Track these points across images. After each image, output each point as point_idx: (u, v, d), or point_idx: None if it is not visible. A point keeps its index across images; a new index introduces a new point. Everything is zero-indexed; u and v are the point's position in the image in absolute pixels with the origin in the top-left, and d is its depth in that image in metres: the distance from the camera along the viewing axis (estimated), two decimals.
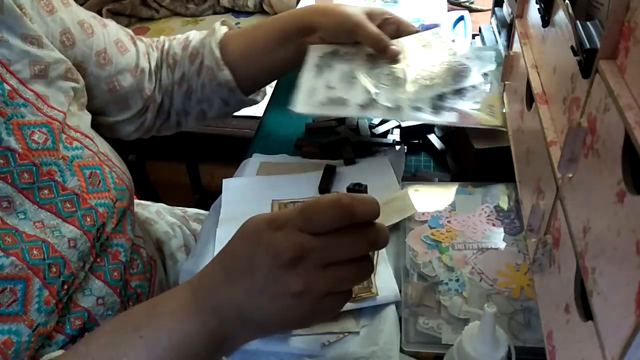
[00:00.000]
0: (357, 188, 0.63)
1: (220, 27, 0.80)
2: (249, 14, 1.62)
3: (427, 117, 0.70)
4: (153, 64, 0.77)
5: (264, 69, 0.79)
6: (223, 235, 0.69)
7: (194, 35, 0.80)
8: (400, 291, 0.59)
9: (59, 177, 0.55)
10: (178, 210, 0.93)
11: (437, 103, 0.71)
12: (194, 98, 0.80)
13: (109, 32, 0.70)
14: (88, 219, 0.57)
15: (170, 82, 0.79)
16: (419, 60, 0.77)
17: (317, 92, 0.74)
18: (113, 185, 0.61)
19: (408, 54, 0.77)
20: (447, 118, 0.70)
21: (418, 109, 0.70)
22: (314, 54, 0.78)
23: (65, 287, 0.54)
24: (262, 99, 0.86)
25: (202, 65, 0.77)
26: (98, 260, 0.60)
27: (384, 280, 0.60)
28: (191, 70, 0.78)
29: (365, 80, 0.74)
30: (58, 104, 0.57)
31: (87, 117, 0.64)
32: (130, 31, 0.77)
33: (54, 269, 0.53)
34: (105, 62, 0.68)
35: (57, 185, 0.55)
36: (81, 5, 0.69)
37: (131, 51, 0.73)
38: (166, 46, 0.80)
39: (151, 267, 0.71)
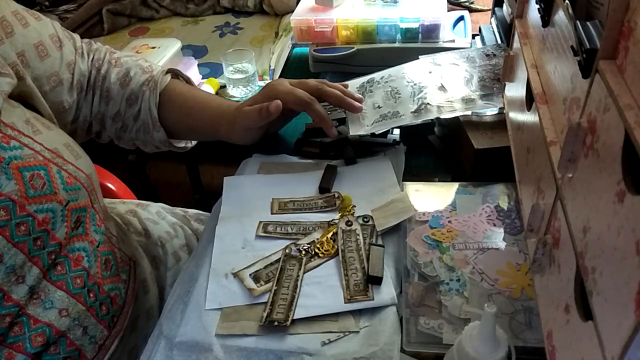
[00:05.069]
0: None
1: (162, 79, 0.78)
2: (249, 14, 1.62)
3: (480, 104, 0.75)
4: (77, 77, 0.71)
5: (197, 137, 0.84)
6: (222, 233, 0.69)
7: (135, 74, 0.77)
8: (400, 291, 0.60)
9: None
10: (179, 210, 0.93)
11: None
12: (128, 135, 0.80)
13: (29, 33, 0.64)
14: (22, 228, 0.52)
15: (102, 112, 0.77)
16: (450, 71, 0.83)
17: (366, 115, 0.80)
18: (62, 186, 0.56)
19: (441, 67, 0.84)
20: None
21: (471, 100, 0.76)
22: (351, 88, 0.84)
23: None
24: (193, 145, 0.88)
25: (140, 115, 0.78)
26: (58, 268, 0.56)
27: (382, 284, 0.60)
28: (128, 112, 0.78)
29: (410, 91, 0.80)
30: None
31: (20, 110, 0.58)
32: (60, 32, 0.70)
33: None
34: (23, 65, 0.62)
35: None
36: (81, 5, 0.68)
37: (53, 57, 0.67)
38: (103, 70, 0.76)
39: (129, 268, 0.68)
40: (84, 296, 0.59)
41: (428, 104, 0.77)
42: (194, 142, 0.87)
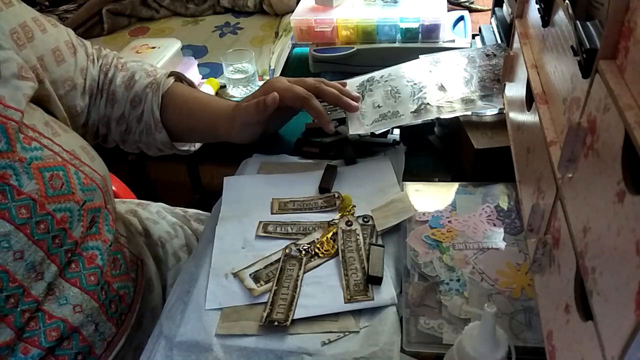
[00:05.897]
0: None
1: (164, 81, 0.79)
2: (249, 14, 1.62)
3: (480, 105, 0.75)
4: (88, 82, 0.74)
5: (198, 137, 0.84)
6: (222, 233, 0.69)
7: (139, 77, 0.78)
8: (400, 291, 0.60)
9: (14, 181, 0.51)
10: (179, 210, 0.94)
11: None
12: (132, 138, 0.81)
13: (47, 38, 0.66)
14: (42, 227, 0.53)
15: (108, 115, 0.78)
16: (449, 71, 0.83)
17: (366, 114, 0.80)
18: (80, 187, 0.58)
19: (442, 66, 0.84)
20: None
21: (470, 101, 0.76)
22: (350, 86, 0.84)
23: (12, 300, 0.52)
24: (197, 148, 0.89)
25: (143, 117, 0.78)
26: (73, 266, 0.58)
27: (382, 284, 0.60)
28: (132, 114, 0.78)
29: (409, 91, 0.80)
30: (15, 102, 0.54)
31: (39, 113, 0.60)
32: (74, 38, 0.73)
33: None
34: (42, 69, 0.64)
35: (12, 190, 0.51)
36: (81, 5, 0.69)
37: (68, 62, 0.69)
38: (110, 74, 0.78)
39: (137, 267, 0.69)
40: (97, 293, 0.60)
41: (428, 104, 0.77)
42: (197, 146, 0.88)
